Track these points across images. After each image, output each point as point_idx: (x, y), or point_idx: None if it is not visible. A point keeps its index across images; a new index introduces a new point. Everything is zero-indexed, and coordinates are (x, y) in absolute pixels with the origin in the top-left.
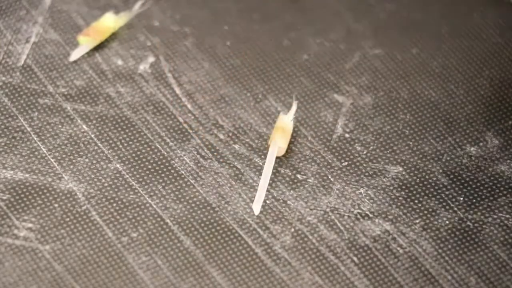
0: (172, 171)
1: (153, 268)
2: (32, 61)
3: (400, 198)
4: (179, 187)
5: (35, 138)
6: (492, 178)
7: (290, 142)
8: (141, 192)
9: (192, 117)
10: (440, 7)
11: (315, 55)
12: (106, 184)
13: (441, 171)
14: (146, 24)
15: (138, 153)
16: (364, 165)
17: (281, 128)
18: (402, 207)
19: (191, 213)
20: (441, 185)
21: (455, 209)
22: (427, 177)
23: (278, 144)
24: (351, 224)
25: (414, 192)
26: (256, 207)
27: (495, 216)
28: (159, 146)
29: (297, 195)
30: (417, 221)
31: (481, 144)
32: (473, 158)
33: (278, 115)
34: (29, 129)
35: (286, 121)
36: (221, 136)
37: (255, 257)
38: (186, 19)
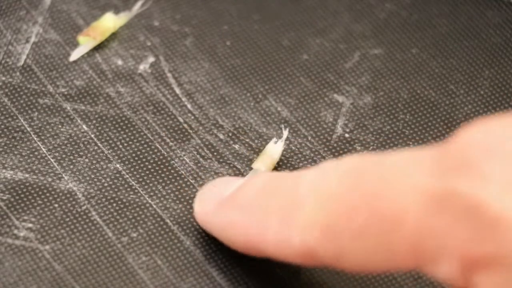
0: (172, 171)
1: (153, 268)
2: (32, 61)
3: None
4: (179, 187)
5: (35, 138)
6: None
7: (290, 142)
8: (141, 192)
9: (192, 117)
10: (440, 7)
11: (315, 55)
12: (106, 184)
13: None
14: (146, 24)
15: (138, 153)
16: None
17: (267, 155)
18: None
19: (191, 213)
20: None
21: None
22: None
23: (259, 170)
24: None
25: None
26: None
27: None
28: (159, 146)
29: None
30: None
31: None
32: None
33: (269, 141)
34: (29, 129)
35: (274, 149)
36: (221, 136)
37: (255, 257)
38: (186, 19)
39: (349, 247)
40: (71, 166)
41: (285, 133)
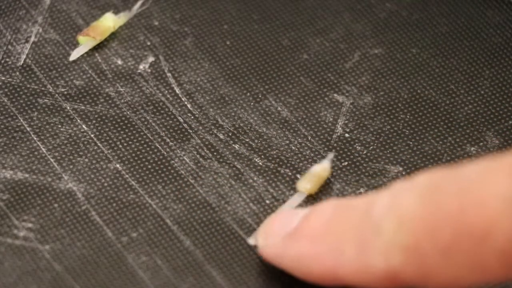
0: (172, 171)
1: (153, 268)
2: (31, 61)
3: None
4: (179, 187)
5: (35, 138)
6: None
7: (290, 142)
8: (141, 192)
9: (192, 117)
10: (440, 7)
11: (315, 55)
12: (106, 184)
13: None
14: (146, 24)
15: (138, 153)
16: (364, 165)
17: (314, 175)
18: None
19: (191, 213)
20: None
21: None
22: None
23: (305, 191)
24: None
25: None
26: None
27: None
28: (159, 146)
29: None
30: None
31: (481, 144)
32: (473, 158)
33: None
34: (28, 129)
35: (321, 170)
36: (221, 136)
37: (255, 257)
38: (186, 19)
39: (436, 266)
40: (71, 166)
41: (330, 155)
